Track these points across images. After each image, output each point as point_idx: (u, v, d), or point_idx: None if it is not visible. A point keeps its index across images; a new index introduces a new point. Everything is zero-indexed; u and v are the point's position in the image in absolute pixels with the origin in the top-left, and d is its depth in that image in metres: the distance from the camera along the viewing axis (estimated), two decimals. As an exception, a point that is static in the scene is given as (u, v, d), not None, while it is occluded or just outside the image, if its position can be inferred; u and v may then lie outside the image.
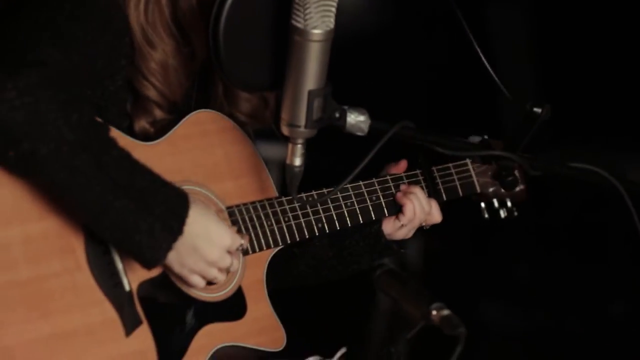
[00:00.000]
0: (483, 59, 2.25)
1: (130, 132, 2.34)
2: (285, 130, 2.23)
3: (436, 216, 2.54)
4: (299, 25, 2.13)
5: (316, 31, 2.13)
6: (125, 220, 2.12)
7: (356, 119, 2.26)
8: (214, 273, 2.25)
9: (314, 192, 2.46)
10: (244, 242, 2.28)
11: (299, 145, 2.23)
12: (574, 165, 2.28)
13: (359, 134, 2.27)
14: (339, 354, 2.44)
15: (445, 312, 1.99)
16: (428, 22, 3.70)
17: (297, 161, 2.24)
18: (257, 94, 2.47)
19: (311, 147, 2.27)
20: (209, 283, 2.30)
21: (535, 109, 2.25)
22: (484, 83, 2.23)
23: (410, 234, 2.54)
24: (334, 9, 2.13)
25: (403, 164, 2.58)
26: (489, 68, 2.24)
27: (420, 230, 2.55)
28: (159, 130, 2.37)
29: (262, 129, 2.53)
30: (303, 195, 2.43)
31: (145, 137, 2.35)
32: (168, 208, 2.15)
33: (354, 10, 3.67)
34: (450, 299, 2.01)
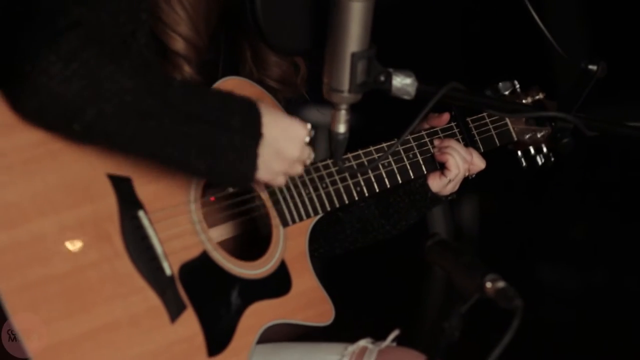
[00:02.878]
0: (533, 12, 2.11)
1: None
2: (328, 96, 2.09)
3: (479, 163, 2.46)
4: (340, -16, 1.98)
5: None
6: (207, 144, 2.05)
7: (402, 82, 2.11)
8: (298, 169, 2.20)
9: (349, 155, 2.36)
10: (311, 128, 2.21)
11: (343, 111, 2.09)
12: (631, 124, 2.17)
13: (406, 97, 2.12)
14: (392, 336, 2.35)
15: (501, 284, 1.87)
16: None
17: (342, 128, 2.11)
18: (288, 59, 2.35)
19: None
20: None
21: (591, 67, 2.13)
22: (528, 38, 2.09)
23: (457, 187, 2.46)
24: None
25: (445, 116, 2.47)
26: (540, 23, 2.10)
27: (474, 193, 2.45)
28: None
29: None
30: (351, 160, 2.33)
31: None
32: (242, 118, 2.08)
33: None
34: (506, 261, 1.90)
